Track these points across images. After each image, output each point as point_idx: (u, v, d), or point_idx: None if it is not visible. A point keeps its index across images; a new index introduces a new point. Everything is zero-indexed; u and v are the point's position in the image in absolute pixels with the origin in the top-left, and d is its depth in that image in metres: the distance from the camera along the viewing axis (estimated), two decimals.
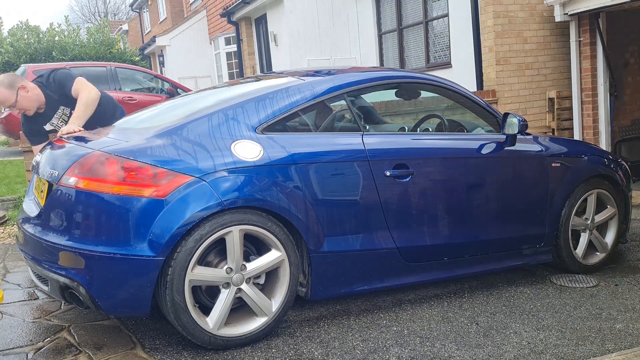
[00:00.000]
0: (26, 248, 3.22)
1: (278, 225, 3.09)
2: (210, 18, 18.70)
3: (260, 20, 14.42)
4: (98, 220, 2.88)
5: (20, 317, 3.58)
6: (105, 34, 22.31)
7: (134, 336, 3.25)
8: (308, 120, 3.63)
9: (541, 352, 2.98)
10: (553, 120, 8.15)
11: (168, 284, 2.85)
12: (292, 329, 3.30)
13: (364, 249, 3.39)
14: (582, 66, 7.83)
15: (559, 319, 3.40)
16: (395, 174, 3.43)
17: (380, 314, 3.52)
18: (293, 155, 3.20)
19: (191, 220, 2.85)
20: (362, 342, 3.13)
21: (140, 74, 12.67)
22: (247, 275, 3.05)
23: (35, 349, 3.13)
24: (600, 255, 4.32)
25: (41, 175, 3.27)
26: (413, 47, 10.34)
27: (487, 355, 2.96)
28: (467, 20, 8.36)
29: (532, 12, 8.01)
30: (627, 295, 3.75)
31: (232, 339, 3.04)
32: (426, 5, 9.83)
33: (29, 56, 19.62)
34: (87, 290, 2.85)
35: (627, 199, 4.46)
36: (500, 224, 3.85)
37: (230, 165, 3.02)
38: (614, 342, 3.08)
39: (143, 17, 29.03)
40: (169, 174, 2.89)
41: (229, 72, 16.90)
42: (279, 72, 4.33)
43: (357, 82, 3.67)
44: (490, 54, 7.96)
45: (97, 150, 3.02)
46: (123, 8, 44.33)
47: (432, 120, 4.34)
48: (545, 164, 3.99)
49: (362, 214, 3.37)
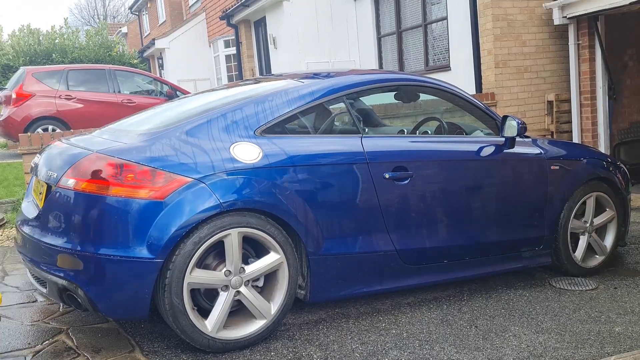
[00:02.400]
0: (25, 250, 3.22)
1: (277, 227, 3.08)
2: (209, 21, 18.71)
3: (259, 23, 14.43)
4: (96, 222, 2.87)
5: (19, 319, 3.57)
6: (104, 36, 22.34)
7: (133, 339, 3.24)
8: (307, 122, 3.63)
9: (540, 355, 2.97)
10: (552, 123, 8.16)
11: (166, 286, 2.85)
12: (291, 332, 3.30)
13: (363, 252, 3.39)
14: (581, 69, 7.83)
15: (558, 322, 3.40)
16: (394, 177, 3.43)
17: (379, 316, 3.51)
18: (292, 157, 3.19)
19: (190, 223, 2.85)
20: (361, 345, 3.12)
21: (139, 77, 12.66)
22: (246, 278, 3.05)
23: (34, 352, 3.12)
24: (599, 258, 4.32)
25: (40, 177, 3.27)
26: (412, 49, 10.35)
27: (486, 358, 2.96)
28: (466, 23, 8.37)
29: (531, 15, 8.02)
30: (627, 298, 3.74)
31: (231, 342, 3.03)
32: (425, 8, 9.84)
33: (29, 58, 19.64)
34: (85, 293, 2.84)
35: (626, 202, 4.46)
36: (499, 227, 3.85)
37: (229, 167, 3.01)
38: (613, 345, 3.08)
39: (142, 19, 29.04)
40: (167, 175, 2.88)
41: (228, 75, 16.91)
42: (278, 75, 4.33)
43: (356, 85, 3.67)
44: (489, 56, 7.97)
45: (96, 152, 3.01)
46: (122, 11, 44.41)
47: (431, 123, 4.34)
48: (544, 167, 3.99)
49: (361, 216, 3.37)
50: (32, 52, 19.95)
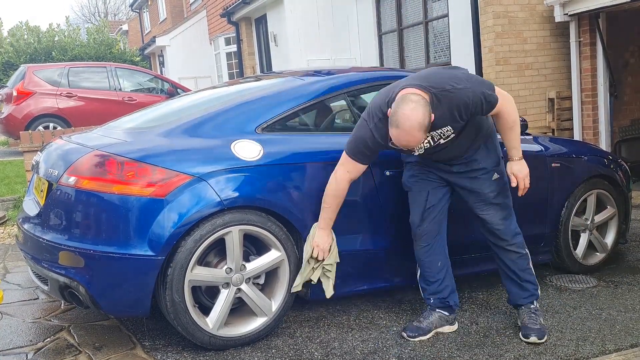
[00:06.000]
0: (26, 247, 3.22)
1: (278, 225, 3.08)
2: (210, 18, 18.69)
3: (260, 20, 14.42)
4: (98, 220, 2.88)
5: (20, 317, 3.58)
6: (104, 34, 22.34)
7: (134, 336, 3.24)
8: (308, 120, 3.63)
9: (541, 353, 2.98)
10: (553, 121, 8.15)
11: (168, 284, 2.85)
12: (292, 329, 3.30)
13: (364, 249, 3.39)
14: (582, 66, 7.82)
15: (558, 319, 3.40)
16: (396, 174, 3.42)
17: (380, 314, 3.51)
18: (293, 155, 3.20)
19: (191, 220, 2.85)
20: (362, 343, 3.12)
21: (140, 74, 12.68)
22: (247, 276, 3.05)
23: (35, 349, 3.13)
24: (600, 255, 4.32)
25: (41, 174, 3.27)
26: (413, 47, 10.34)
27: (487, 355, 2.96)
28: (467, 20, 8.36)
29: (532, 13, 8.01)
30: (627, 296, 3.74)
31: (232, 339, 3.04)
32: (426, 6, 9.83)
33: (29, 56, 19.64)
34: (86, 290, 2.84)
35: (627, 200, 4.45)
36: None
37: (230, 164, 3.01)
38: (614, 343, 3.08)
39: (143, 17, 29.02)
40: (168, 173, 2.88)
41: (229, 72, 16.91)
42: (278, 72, 4.33)
43: (358, 82, 3.67)
44: (490, 54, 7.96)
45: (97, 149, 3.02)
46: (123, 8, 44.34)
47: None
48: (545, 164, 3.98)
49: (362, 213, 3.37)
50: (32, 50, 19.94)
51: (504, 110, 3.01)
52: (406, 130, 2.71)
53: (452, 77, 2.89)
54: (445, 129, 2.93)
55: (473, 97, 2.86)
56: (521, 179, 3.16)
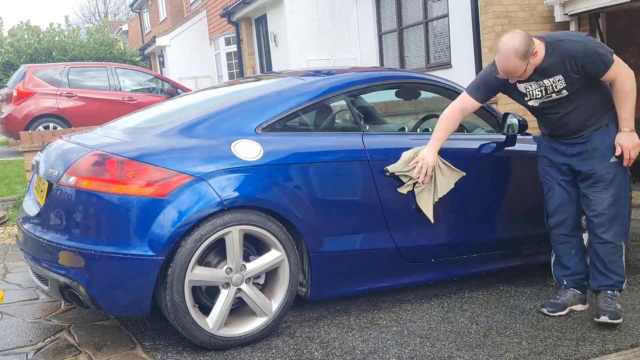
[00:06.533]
0: (26, 247, 3.22)
1: (278, 225, 3.08)
2: (210, 18, 18.70)
3: (260, 20, 14.43)
4: (98, 220, 2.88)
5: (20, 317, 3.58)
6: (104, 34, 22.35)
7: (134, 336, 3.24)
8: (308, 120, 3.63)
9: (541, 353, 2.98)
10: None
11: (168, 284, 2.85)
12: (292, 329, 3.30)
13: (364, 249, 3.39)
14: None
15: (558, 319, 3.39)
16: (396, 174, 3.42)
17: (380, 314, 3.51)
18: (293, 155, 3.20)
19: (191, 220, 2.85)
20: (362, 343, 3.12)
21: (140, 74, 12.69)
22: (247, 276, 3.05)
23: (35, 349, 3.13)
24: None
25: (41, 174, 3.27)
26: (413, 47, 10.34)
27: (487, 355, 2.96)
28: (467, 20, 8.36)
29: (532, 13, 8.01)
30: (627, 296, 3.74)
31: (232, 339, 3.04)
32: (426, 6, 9.83)
33: (29, 56, 19.65)
34: (87, 290, 2.84)
35: None
36: (500, 224, 3.85)
37: (230, 164, 3.01)
38: (614, 343, 3.08)
39: (143, 17, 29.02)
40: (168, 173, 2.89)
41: (229, 72, 16.92)
42: (278, 72, 4.33)
43: (357, 82, 3.67)
44: (490, 54, 7.95)
45: (97, 149, 3.02)
46: (123, 8, 44.34)
47: (432, 121, 4.33)
48: None
49: (362, 213, 3.37)
50: (32, 50, 19.95)
51: (620, 77, 3.11)
52: (503, 53, 3.05)
53: (571, 33, 3.18)
54: (557, 77, 3.14)
55: (585, 49, 3.06)
56: (627, 150, 3.18)
